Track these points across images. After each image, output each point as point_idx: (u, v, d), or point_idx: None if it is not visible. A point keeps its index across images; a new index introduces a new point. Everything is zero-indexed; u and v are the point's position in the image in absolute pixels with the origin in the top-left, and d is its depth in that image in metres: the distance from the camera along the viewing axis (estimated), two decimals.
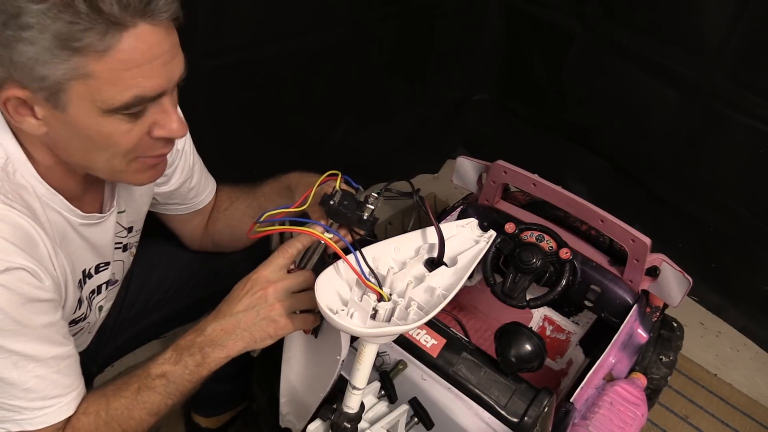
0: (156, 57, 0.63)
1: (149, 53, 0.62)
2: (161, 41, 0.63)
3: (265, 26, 1.48)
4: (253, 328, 0.76)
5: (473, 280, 1.52)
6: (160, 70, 0.64)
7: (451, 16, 2.05)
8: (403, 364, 0.93)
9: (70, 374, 0.74)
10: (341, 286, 0.73)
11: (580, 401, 1.06)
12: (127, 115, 0.65)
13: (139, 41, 0.61)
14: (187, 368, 0.76)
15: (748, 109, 1.59)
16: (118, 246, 0.93)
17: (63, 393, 0.73)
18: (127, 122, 0.66)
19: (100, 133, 0.66)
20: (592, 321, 1.41)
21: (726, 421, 1.61)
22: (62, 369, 0.72)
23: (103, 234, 0.85)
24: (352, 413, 0.75)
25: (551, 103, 2.13)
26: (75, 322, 0.87)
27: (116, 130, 0.66)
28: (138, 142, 0.69)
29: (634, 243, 1.18)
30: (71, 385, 0.74)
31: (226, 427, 1.40)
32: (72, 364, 0.75)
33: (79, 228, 0.79)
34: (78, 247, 0.80)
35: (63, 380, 0.73)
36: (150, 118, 0.68)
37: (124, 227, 0.93)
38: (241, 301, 0.75)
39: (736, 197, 1.72)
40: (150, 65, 0.63)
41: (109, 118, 0.65)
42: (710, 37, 1.59)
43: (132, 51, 0.61)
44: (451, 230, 0.88)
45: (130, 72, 0.62)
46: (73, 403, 0.74)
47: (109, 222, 0.85)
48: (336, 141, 1.96)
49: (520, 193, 1.48)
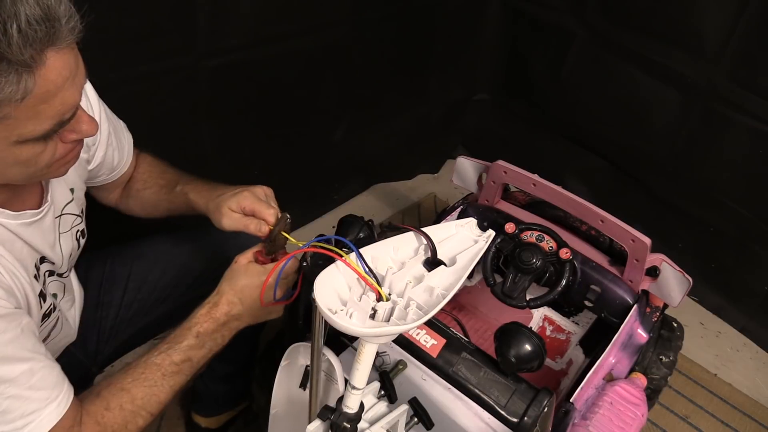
0: (66, 79, 0.62)
1: (61, 79, 0.61)
2: (68, 62, 0.62)
3: (265, 26, 1.48)
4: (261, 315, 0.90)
5: (473, 280, 1.52)
6: (72, 90, 0.63)
7: (451, 16, 2.05)
8: (403, 364, 0.93)
9: (44, 386, 0.72)
10: (340, 286, 0.73)
11: (580, 401, 1.06)
12: (41, 139, 0.65)
13: (50, 72, 0.59)
14: (211, 350, 0.86)
15: (748, 109, 1.59)
16: (78, 235, 0.93)
17: (41, 406, 0.71)
18: (42, 144, 0.66)
19: (17, 161, 0.65)
20: (592, 321, 1.41)
21: (726, 421, 1.61)
22: (35, 383, 0.71)
23: (44, 233, 0.83)
24: (351, 413, 0.75)
25: (551, 103, 2.13)
26: (47, 316, 0.86)
27: (33, 153, 0.66)
28: (53, 154, 0.68)
29: (634, 243, 1.18)
30: (48, 397, 0.72)
31: (226, 427, 1.40)
32: (45, 375, 0.73)
33: (15, 228, 0.77)
34: (21, 246, 0.79)
35: (38, 394, 0.71)
36: (61, 130, 0.67)
37: (77, 214, 0.93)
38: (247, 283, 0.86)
39: (736, 197, 1.72)
40: (63, 90, 0.62)
41: (24, 147, 0.64)
42: (710, 37, 1.59)
43: (46, 84, 0.59)
44: (450, 230, 0.88)
45: (47, 104, 0.61)
46: (56, 411, 0.72)
47: (47, 220, 0.84)
48: (336, 141, 1.96)
49: (520, 193, 1.48)
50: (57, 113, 0.63)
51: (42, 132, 0.63)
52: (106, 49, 1.18)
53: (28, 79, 0.58)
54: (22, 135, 0.62)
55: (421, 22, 1.98)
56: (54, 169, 0.72)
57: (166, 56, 1.32)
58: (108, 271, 1.12)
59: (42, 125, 0.62)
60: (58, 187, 0.87)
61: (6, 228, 0.76)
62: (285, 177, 1.80)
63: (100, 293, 1.10)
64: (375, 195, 2.26)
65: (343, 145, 1.99)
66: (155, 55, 1.29)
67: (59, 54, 0.60)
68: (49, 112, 0.62)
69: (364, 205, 2.19)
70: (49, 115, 0.62)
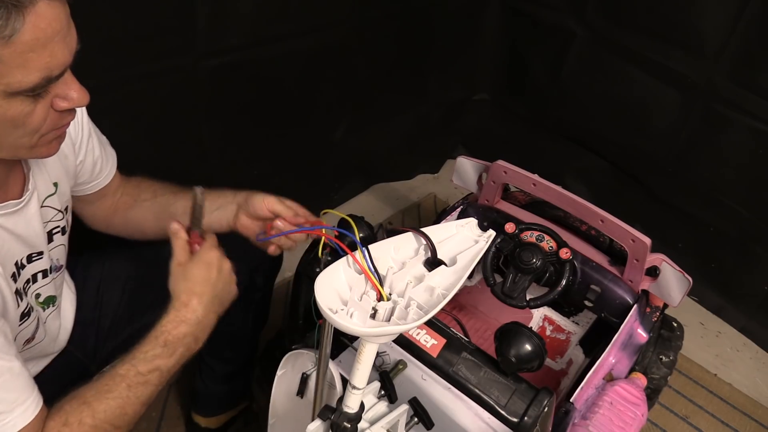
0: (56, 32, 0.63)
1: (51, 30, 0.62)
2: (59, 15, 0.63)
3: (265, 26, 1.48)
4: (226, 297, 0.90)
5: (473, 280, 1.52)
6: (62, 46, 0.64)
7: (451, 15, 2.05)
8: (403, 364, 0.93)
9: (11, 389, 0.71)
10: (340, 286, 0.73)
11: (580, 401, 1.06)
12: (30, 96, 0.65)
13: (40, 19, 0.61)
14: (183, 356, 0.83)
15: (748, 109, 1.59)
16: (56, 230, 0.92)
17: (6, 410, 0.70)
18: (31, 103, 0.66)
19: (4, 117, 0.65)
20: (592, 321, 1.41)
21: (726, 421, 1.61)
22: (1, 384, 0.70)
23: (28, 221, 0.83)
24: (351, 413, 0.75)
25: (551, 103, 2.13)
26: (25, 316, 0.85)
27: (21, 112, 0.66)
28: (44, 119, 0.69)
29: (634, 243, 1.18)
30: (16, 400, 0.71)
31: (226, 427, 1.40)
32: (13, 377, 0.71)
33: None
34: (4, 240, 0.78)
35: (4, 396, 0.70)
36: (51, 93, 0.68)
37: (59, 209, 0.92)
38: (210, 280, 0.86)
39: (736, 197, 1.72)
40: (53, 42, 0.63)
41: (12, 101, 0.64)
42: (710, 37, 1.60)
43: (35, 30, 0.61)
44: (450, 230, 0.87)
45: (35, 53, 0.62)
46: (21, 418, 0.71)
47: (31, 207, 0.83)
48: (336, 141, 1.96)
49: (520, 193, 1.48)
50: (45, 66, 0.63)
51: (30, 84, 0.63)
52: (106, 49, 1.18)
53: (17, 17, 0.59)
54: (10, 84, 0.62)
55: (421, 22, 1.98)
56: (42, 143, 0.72)
57: (166, 56, 1.31)
58: (106, 271, 1.12)
59: (29, 76, 0.63)
60: (40, 177, 0.86)
61: None
62: (285, 177, 1.80)
63: (99, 293, 1.10)
64: (375, 195, 2.26)
65: (343, 145, 1.99)
66: (155, 55, 1.29)
67: (50, 4, 0.61)
68: (38, 62, 0.62)
69: (364, 205, 2.19)
70: (37, 66, 0.62)
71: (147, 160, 1.26)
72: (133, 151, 1.09)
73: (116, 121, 1.03)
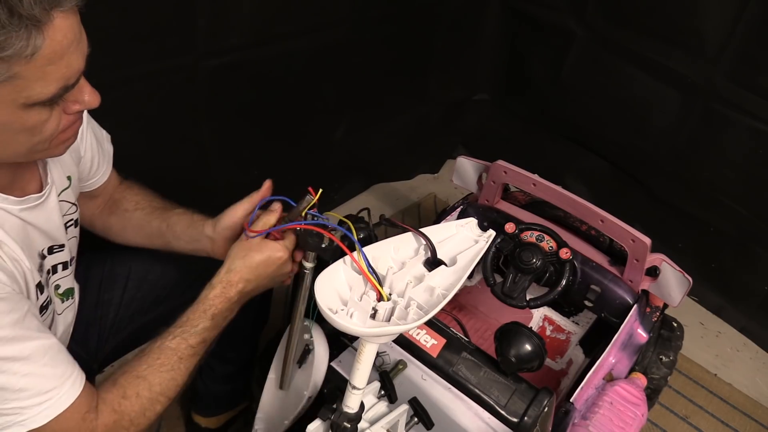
0: (71, 42, 0.64)
1: (66, 41, 0.63)
2: (72, 25, 0.64)
3: (265, 26, 1.48)
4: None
5: (473, 280, 1.52)
6: (77, 55, 0.66)
7: (451, 16, 2.05)
8: (403, 364, 0.93)
9: (58, 363, 0.73)
10: (341, 286, 0.73)
11: (580, 401, 1.06)
12: (47, 105, 0.66)
13: (57, 32, 0.62)
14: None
15: (748, 109, 1.59)
16: (70, 223, 0.93)
17: (58, 384, 0.72)
18: (47, 111, 0.67)
19: (23, 127, 0.67)
20: (592, 321, 1.41)
21: (726, 421, 1.61)
22: (48, 361, 0.72)
23: (49, 214, 0.85)
24: (351, 413, 0.75)
25: (551, 103, 2.13)
26: (43, 309, 0.86)
27: (39, 120, 0.67)
28: (58, 124, 0.70)
29: (634, 243, 1.18)
30: (64, 374, 0.73)
31: (226, 427, 1.40)
32: (57, 353, 0.74)
33: (20, 214, 0.78)
34: (28, 232, 0.80)
35: (53, 371, 0.72)
36: (65, 99, 0.69)
37: (73, 202, 0.93)
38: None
39: (736, 197, 1.72)
40: (69, 52, 0.64)
41: (31, 111, 0.65)
42: (710, 37, 1.60)
43: (53, 44, 0.62)
44: (451, 230, 0.88)
45: (54, 65, 0.63)
46: (72, 390, 0.74)
47: (51, 201, 0.85)
48: (336, 141, 1.96)
49: (520, 193, 1.48)
50: (63, 76, 0.65)
51: (48, 95, 0.65)
52: (106, 49, 1.17)
53: (37, 36, 0.60)
54: (30, 97, 0.64)
55: (421, 22, 1.98)
56: (55, 144, 0.73)
57: (166, 56, 1.31)
58: (108, 270, 1.12)
59: (49, 87, 0.64)
60: (56, 172, 0.88)
61: (10, 214, 0.77)
62: (285, 177, 1.79)
63: (100, 292, 1.10)
64: (375, 195, 2.26)
65: (343, 145, 1.99)
66: (155, 55, 1.29)
67: (65, 16, 0.62)
68: (56, 74, 0.64)
69: (364, 205, 2.18)
70: (55, 78, 0.64)
71: (147, 159, 1.26)
72: (133, 150, 1.09)
73: (116, 121, 1.03)
